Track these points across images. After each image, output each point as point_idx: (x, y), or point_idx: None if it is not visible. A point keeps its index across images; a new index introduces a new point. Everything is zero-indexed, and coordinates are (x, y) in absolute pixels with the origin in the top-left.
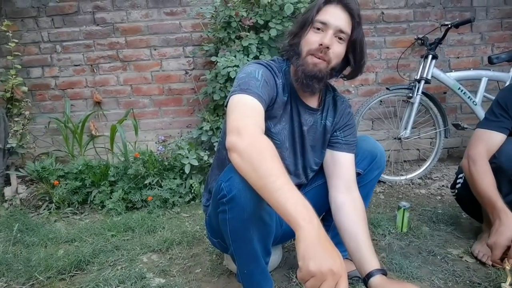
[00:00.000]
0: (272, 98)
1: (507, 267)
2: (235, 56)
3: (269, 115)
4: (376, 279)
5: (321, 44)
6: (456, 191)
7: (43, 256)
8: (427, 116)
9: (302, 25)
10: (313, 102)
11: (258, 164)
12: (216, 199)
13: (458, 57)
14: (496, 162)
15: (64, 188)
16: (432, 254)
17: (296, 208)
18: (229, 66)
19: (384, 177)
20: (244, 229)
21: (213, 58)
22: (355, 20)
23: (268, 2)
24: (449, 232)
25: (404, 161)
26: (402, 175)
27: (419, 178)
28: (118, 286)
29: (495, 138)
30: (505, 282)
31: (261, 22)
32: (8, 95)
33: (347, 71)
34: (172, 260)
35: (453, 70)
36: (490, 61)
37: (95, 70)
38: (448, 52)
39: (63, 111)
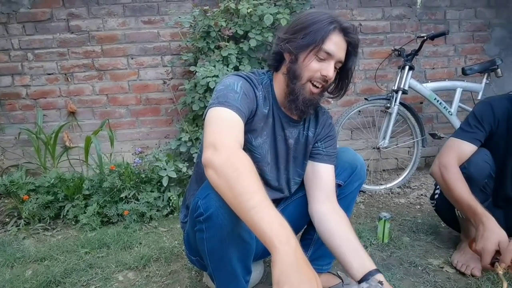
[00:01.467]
0: (252, 110)
1: (500, 272)
2: (214, 66)
3: (249, 128)
4: (380, 278)
5: (325, 76)
6: (435, 202)
7: (9, 278)
8: (405, 126)
9: (303, 47)
10: (294, 115)
11: (234, 182)
12: (193, 217)
13: (433, 68)
14: (465, 172)
15: (35, 203)
16: (413, 265)
17: (272, 228)
18: (208, 76)
19: (364, 186)
20: (222, 249)
21: (192, 68)
22: (353, 50)
23: (247, 13)
24: (429, 242)
25: (383, 170)
26: (381, 184)
27: (398, 187)
28: None
29: (466, 149)
30: None
31: (241, 32)
32: None
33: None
34: (150, 278)
35: (429, 81)
36: (464, 72)
37: (69, 79)
38: (424, 63)
39: (34, 122)
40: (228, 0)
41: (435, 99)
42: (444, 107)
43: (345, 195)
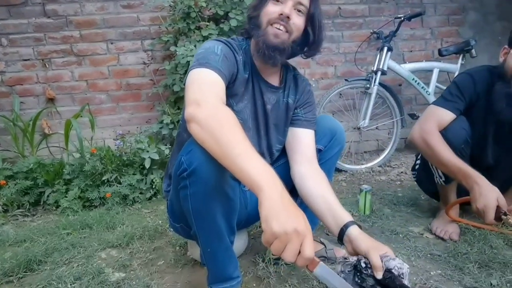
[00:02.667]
0: (232, 74)
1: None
2: (195, 46)
3: (231, 93)
4: (354, 230)
5: (281, 14)
6: (416, 172)
7: None
8: (384, 106)
9: (262, 0)
10: (274, 80)
11: (218, 132)
12: (177, 176)
13: (411, 51)
14: (443, 138)
15: (13, 189)
16: (394, 233)
17: (258, 172)
18: (188, 56)
19: (346, 166)
20: (206, 204)
21: (172, 48)
22: None
23: None
24: (410, 212)
25: (364, 152)
26: (362, 164)
27: (379, 166)
28: (73, 283)
29: (446, 116)
30: None
31: (221, 13)
32: None
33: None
34: (133, 254)
35: (407, 62)
36: (440, 54)
37: (47, 65)
38: (402, 46)
39: (11, 109)
40: None
41: (413, 79)
42: (422, 87)
43: (325, 160)
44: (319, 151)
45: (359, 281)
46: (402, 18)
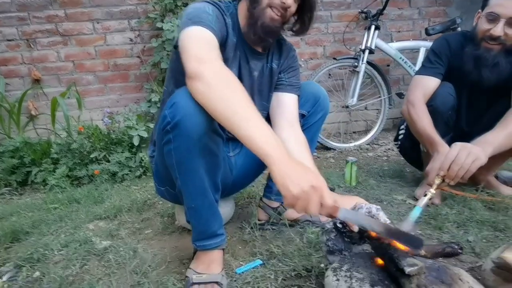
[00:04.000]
0: (223, 36)
1: (437, 181)
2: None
3: (223, 57)
4: None
5: (284, 2)
6: (399, 142)
7: None
8: (372, 85)
9: None
10: (258, 47)
11: (229, 94)
12: (161, 131)
13: (399, 31)
14: (432, 105)
15: (0, 167)
16: (379, 201)
17: (266, 140)
18: (175, 31)
19: (334, 144)
20: (189, 158)
21: (159, 24)
22: None
23: None
24: (394, 183)
25: (354, 132)
26: (351, 142)
27: (367, 144)
28: (60, 250)
29: (430, 83)
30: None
31: None
32: None
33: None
34: (121, 225)
35: (394, 41)
36: (427, 33)
37: (32, 45)
38: (390, 27)
39: None
40: None
41: (400, 58)
42: (409, 66)
43: (309, 125)
44: (302, 116)
45: (348, 239)
46: None
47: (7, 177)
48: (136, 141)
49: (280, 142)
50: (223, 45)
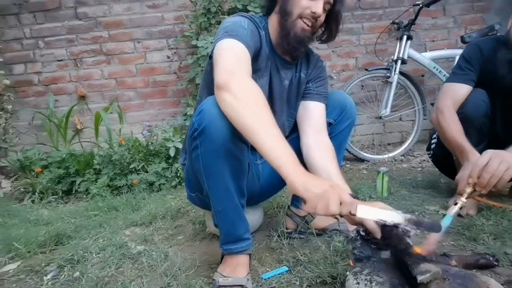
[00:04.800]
0: (257, 49)
1: (467, 190)
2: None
3: (255, 67)
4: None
5: (314, 13)
6: (431, 152)
7: (23, 232)
8: (406, 96)
9: None
10: (288, 56)
11: (254, 108)
12: (190, 138)
13: (433, 41)
14: (463, 112)
15: (48, 176)
16: (410, 211)
17: (281, 152)
18: (209, 48)
19: (368, 156)
20: (215, 162)
21: (194, 42)
22: None
23: None
24: (427, 193)
25: (388, 143)
26: (385, 154)
27: (401, 156)
28: (98, 254)
29: (461, 90)
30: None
31: (240, 7)
32: None
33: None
34: (155, 231)
35: (428, 51)
36: (463, 40)
37: (78, 64)
38: (424, 36)
39: (46, 107)
40: None
41: (434, 67)
42: (444, 75)
43: (336, 133)
44: (329, 124)
45: (375, 246)
46: (421, 5)
47: (54, 186)
48: (172, 152)
49: (295, 157)
50: (256, 57)
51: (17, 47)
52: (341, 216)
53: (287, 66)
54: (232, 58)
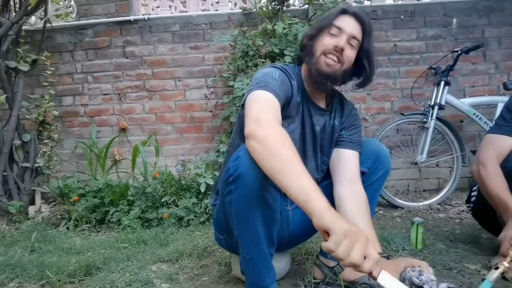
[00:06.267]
0: (287, 97)
1: (508, 259)
2: (250, 80)
3: (285, 115)
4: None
5: (336, 46)
6: (471, 205)
7: (56, 260)
8: (443, 142)
9: (318, 30)
10: (322, 103)
11: (278, 151)
12: (224, 182)
13: (473, 86)
14: (507, 166)
15: (83, 205)
16: (447, 268)
17: (311, 194)
18: (244, 89)
19: (402, 202)
20: (248, 209)
21: (231, 83)
22: (366, 29)
23: (283, 32)
24: (467, 249)
25: (424, 190)
26: (420, 201)
27: (438, 204)
28: None
29: (505, 143)
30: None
31: (277, 51)
32: (41, 118)
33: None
34: (181, 269)
35: (467, 97)
36: (505, 87)
37: (122, 99)
38: (463, 82)
39: (89, 137)
40: (266, 22)
41: (474, 114)
42: (485, 122)
43: (370, 182)
44: (362, 173)
45: None
46: (460, 52)
47: (89, 214)
48: (202, 188)
49: (326, 200)
50: (287, 105)
51: (69, 80)
52: (359, 269)
53: (320, 113)
54: (259, 108)
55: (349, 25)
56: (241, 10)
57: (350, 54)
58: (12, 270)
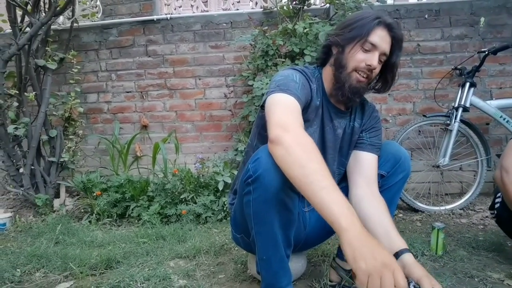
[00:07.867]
0: (307, 100)
1: None
2: (269, 80)
3: (304, 118)
4: (409, 257)
5: (369, 65)
6: (495, 212)
7: (78, 253)
8: (468, 145)
9: (350, 40)
10: (342, 105)
11: (306, 161)
12: (243, 183)
13: (500, 88)
14: None
15: (105, 199)
16: (469, 276)
17: (340, 210)
18: (264, 88)
19: (423, 206)
20: (266, 210)
21: (250, 82)
22: (397, 45)
23: (303, 32)
24: (490, 257)
25: (446, 194)
26: (442, 205)
27: (460, 209)
28: (143, 283)
29: None
30: None
31: (297, 51)
32: (67, 115)
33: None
34: (198, 266)
35: (494, 99)
36: None
37: (144, 96)
38: (490, 83)
39: (112, 133)
40: (286, 22)
41: (501, 116)
42: None
43: (388, 186)
44: (381, 177)
45: None
46: (487, 52)
47: (110, 209)
48: (220, 186)
49: (353, 212)
50: (306, 108)
51: (93, 78)
52: None
53: (341, 115)
54: (283, 113)
55: (383, 42)
56: (261, 9)
57: (378, 70)
58: (38, 261)
